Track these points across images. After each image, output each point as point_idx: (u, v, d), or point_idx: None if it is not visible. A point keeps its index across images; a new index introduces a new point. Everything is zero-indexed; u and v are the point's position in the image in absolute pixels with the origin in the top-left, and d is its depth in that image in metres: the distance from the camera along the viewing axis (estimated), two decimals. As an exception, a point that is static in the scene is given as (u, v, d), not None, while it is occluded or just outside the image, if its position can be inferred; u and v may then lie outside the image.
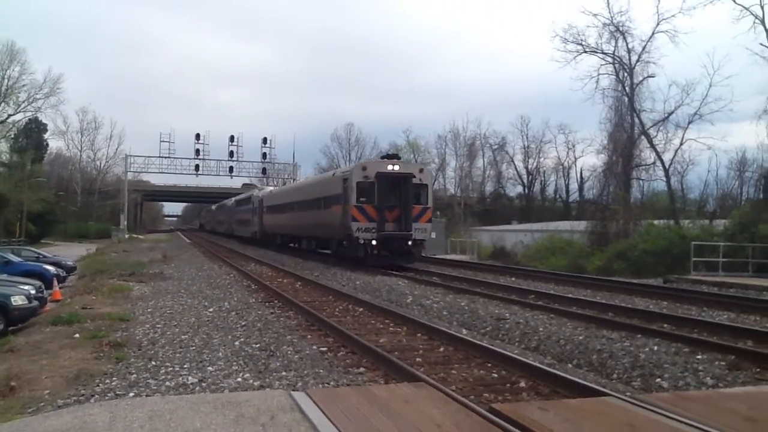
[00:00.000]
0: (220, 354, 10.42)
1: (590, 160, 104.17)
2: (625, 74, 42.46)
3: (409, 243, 26.50)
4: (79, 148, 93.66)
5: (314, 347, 11.07)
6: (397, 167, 26.89)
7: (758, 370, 9.06)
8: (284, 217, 41.55)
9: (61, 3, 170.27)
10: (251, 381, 8.74)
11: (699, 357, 9.69)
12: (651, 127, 42.68)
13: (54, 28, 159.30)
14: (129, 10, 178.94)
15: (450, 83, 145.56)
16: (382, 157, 31.99)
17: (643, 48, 42.11)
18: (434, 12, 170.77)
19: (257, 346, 11.09)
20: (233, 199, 72.34)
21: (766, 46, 35.74)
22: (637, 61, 42.52)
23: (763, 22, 35.38)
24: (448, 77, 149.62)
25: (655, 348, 10.27)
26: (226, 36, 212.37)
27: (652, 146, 42.48)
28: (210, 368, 9.45)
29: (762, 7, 35.38)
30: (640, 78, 42.40)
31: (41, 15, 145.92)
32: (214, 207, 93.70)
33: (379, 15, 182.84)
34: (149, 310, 15.54)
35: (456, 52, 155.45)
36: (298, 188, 42.55)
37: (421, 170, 28.43)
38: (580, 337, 11.40)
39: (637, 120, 42.43)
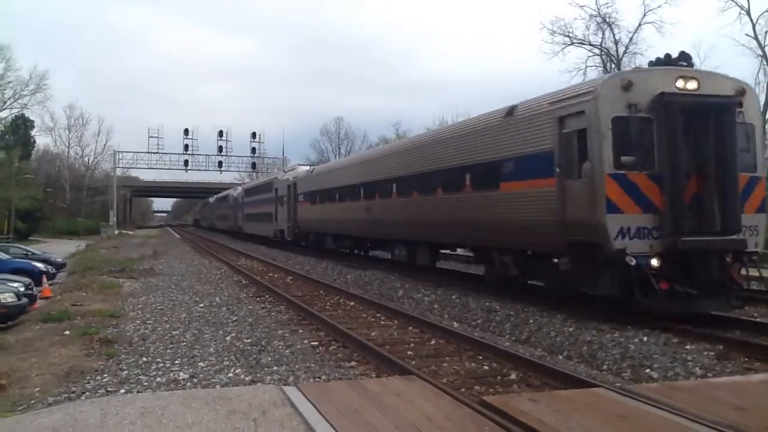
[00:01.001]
0: (212, 349, 10.41)
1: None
2: (613, 66, 42.68)
3: (729, 260, 11.97)
4: (67, 144, 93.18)
5: (306, 341, 11.08)
6: (694, 84, 12.06)
7: (746, 359, 9.14)
8: (352, 208, 26.11)
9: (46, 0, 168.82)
10: (243, 376, 8.73)
11: (688, 347, 9.76)
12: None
13: (39, 25, 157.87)
14: (116, 5, 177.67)
15: (439, 77, 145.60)
16: (656, 63, 13.59)
17: (630, 39, 42.37)
18: (423, 6, 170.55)
19: (248, 341, 11.08)
20: (241, 187, 63.21)
21: (752, 37, 35.84)
22: (625, 52, 42.79)
23: (748, 12, 35.53)
24: (437, 71, 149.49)
25: (645, 339, 10.33)
26: (214, 31, 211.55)
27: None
28: (201, 364, 9.43)
29: (749, -2, 35.12)
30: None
31: (26, 11, 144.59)
32: (212, 199, 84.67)
33: (367, 9, 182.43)
34: (140, 306, 15.49)
35: (444, 46, 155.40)
36: (397, 154, 23.20)
37: (741, 92, 12.48)
38: (570, 329, 11.46)
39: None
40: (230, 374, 8.85)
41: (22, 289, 16.27)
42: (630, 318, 11.60)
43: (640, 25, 42.08)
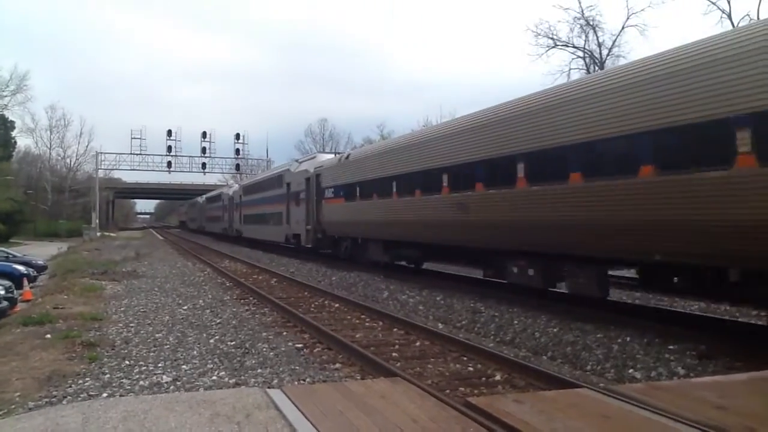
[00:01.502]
0: (195, 352, 10.34)
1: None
2: (596, 68, 42.99)
3: None
4: (49, 145, 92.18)
5: (290, 344, 11.04)
6: None
7: (728, 359, 9.23)
8: (427, 205, 18.11)
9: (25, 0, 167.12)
10: (226, 379, 8.69)
11: (671, 347, 9.84)
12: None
13: (19, 25, 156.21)
14: (100, 5, 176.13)
15: (423, 79, 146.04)
16: None
17: (614, 42, 42.73)
18: (407, 8, 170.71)
19: (232, 343, 11.02)
20: (238, 184, 57.17)
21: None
22: (608, 54, 43.17)
23: (729, 16, 35.90)
24: (421, 73, 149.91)
25: (628, 339, 10.40)
26: (198, 32, 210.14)
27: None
28: (185, 367, 9.37)
29: (729, 2, 35.65)
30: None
31: (6, 11, 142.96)
32: (202, 199, 76.70)
33: (352, 12, 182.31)
34: (122, 308, 15.36)
35: (429, 49, 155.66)
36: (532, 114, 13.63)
37: None
38: (555, 330, 11.52)
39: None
40: (214, 377, 8.80)
41: (2, 292, 16.13)
42: (613, 318, 11.68)
43: (623, 27, 42.57)
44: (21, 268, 24.76)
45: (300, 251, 33.01)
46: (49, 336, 11.81)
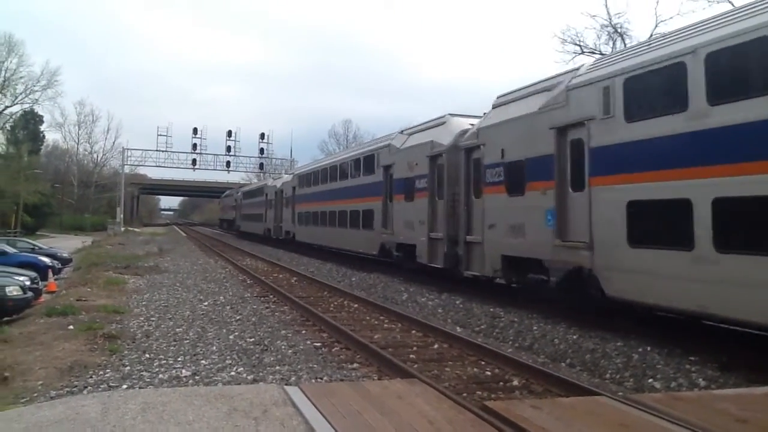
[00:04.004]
0: (214, 347, 10.43)
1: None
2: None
3: None
4: (76, 140, 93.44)
5: (308, 342, 11.09)
6: None
7: (750, 371, 9.07)
8: None
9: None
10: (245, 375, 8.75)
11: (692, 358, 9.71)
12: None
13: (53, 22, 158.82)
14: (129, 4, 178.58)
15: (446, 81, 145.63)
16: None
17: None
18: (431, 12, 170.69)
19: (251, 340, 11.10)
20: (290, 175, 44.66)
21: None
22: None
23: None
24: (444, 76, 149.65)
25: (648, 348, 10.28)
26: (225, 32, 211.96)
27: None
28: (204, 361, 9.46)
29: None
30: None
31: (40, 8, 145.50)
32: (240, 193, 66.59)
33: (376, 15, 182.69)
34: (144, 302, 15.54)
35: (450, 52, 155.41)
36: None
37: None
38: (574, 337, 11.42)
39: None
40: (232, 373, 8.86)
41: (27, 282, 16.34)
42: (634, 328, 11.55)
43: (651, 36, 42.00)
44: (46, 260, 25.10)
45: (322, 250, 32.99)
46: (71, 327, 11.99)
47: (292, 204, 39.77)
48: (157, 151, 74.98)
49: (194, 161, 75.72)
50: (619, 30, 42.52)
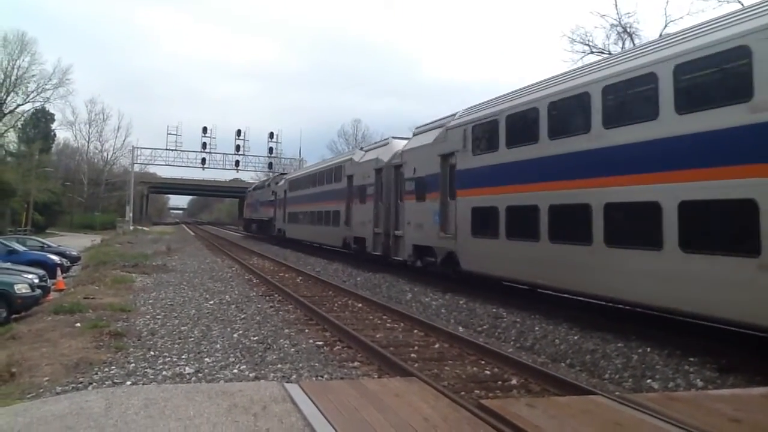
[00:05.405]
0: (218, 346, 10.55)
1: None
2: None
3: None
4: (87, 139, 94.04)
5: (311, 341, 11.19)
6: None
7: (748, 373, 9.10)
8: None
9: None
10: (247, 372, 8.86)
11: (691, 359, 9.75)
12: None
13: (65, 21, 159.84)
14: (140, 3, 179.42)
15: (455, 81, 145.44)
16: None
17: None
18: (441, 11, 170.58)
19: (255, 338, 11.21)
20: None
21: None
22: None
23: None
24: (454, 75, 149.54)
25: (648, 349, 10.33)
26: (234, 32, 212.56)
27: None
28: (207, 359, 9.58)
29: None
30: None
31: (53, 7, 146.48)
32: (280, 183, 47.57)
33: (385, 15, 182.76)
34: (150, 301, 15.69)
35: (462, 51, 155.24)
36: None
37: None
38: (575, 337, 11.48)
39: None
40: (235, 370, 8.98)
41: (36, 280, 16.55)
42: (635, 329, 11.60)
43: (660, 36, 41.88)
44: (55, 258, 25.37)
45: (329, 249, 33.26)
46: (78, 325, 12.15)
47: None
48: (166, 149, 75.44)
49: (203, 160, 76.11)
50: (628, 30, 42.39)
